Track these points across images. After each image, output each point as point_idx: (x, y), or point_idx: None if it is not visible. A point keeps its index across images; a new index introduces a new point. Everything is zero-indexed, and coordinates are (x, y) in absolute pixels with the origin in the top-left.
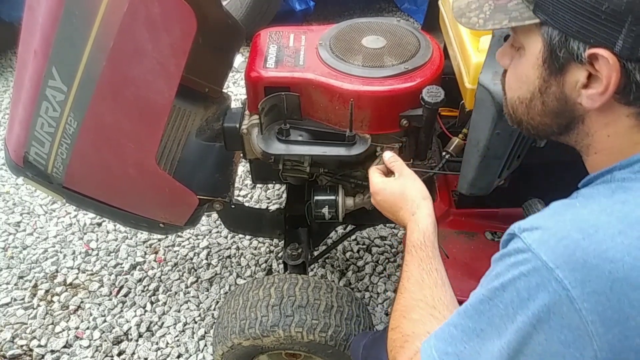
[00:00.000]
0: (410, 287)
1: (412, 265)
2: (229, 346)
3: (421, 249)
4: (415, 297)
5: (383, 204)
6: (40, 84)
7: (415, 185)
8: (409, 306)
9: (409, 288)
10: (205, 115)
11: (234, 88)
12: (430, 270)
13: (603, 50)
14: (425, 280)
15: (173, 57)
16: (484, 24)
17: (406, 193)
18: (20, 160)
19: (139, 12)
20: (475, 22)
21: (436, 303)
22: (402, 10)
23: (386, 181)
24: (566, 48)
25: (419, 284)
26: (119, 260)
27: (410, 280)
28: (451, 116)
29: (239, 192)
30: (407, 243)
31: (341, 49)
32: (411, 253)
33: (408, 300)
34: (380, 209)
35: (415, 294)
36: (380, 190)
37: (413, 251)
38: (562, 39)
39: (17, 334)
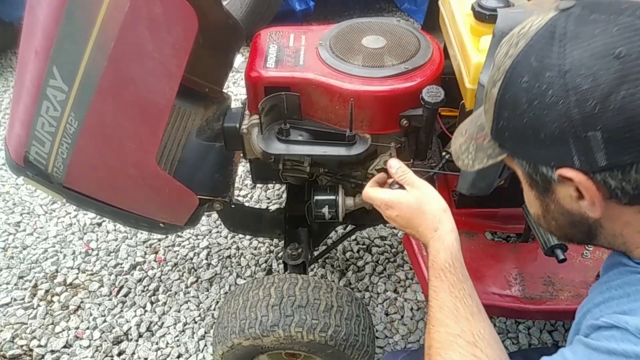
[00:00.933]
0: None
1: (442, 293)
2: (229, 346)
3: (451, 272)
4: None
5: (399, 220)
6: (41, 83)
7: (432, 196)
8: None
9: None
10: (205, 115)
11: (234, 88)
12: (464, 296)
13: (567, 170)
14: (460, 310)
15: (174, 57)
16: (472, 164)
17: (424, 207)
18: (21, 159)
19: (140, 11)
20: (468, 164)
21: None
22: (402, 10)
23: (399, 194)
24: (539, 173)
25: (454, 316)
26: (119, 260)
27: (443, 311)
28: (451, 116)
29: (239, 192)
30: (433, 265)
31: (341, 48)
32: (440, 278)
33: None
34: (395, 225)
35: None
36: (395, 204)
37: (442, 275)
38: (532, 166)
39: (17, 334)
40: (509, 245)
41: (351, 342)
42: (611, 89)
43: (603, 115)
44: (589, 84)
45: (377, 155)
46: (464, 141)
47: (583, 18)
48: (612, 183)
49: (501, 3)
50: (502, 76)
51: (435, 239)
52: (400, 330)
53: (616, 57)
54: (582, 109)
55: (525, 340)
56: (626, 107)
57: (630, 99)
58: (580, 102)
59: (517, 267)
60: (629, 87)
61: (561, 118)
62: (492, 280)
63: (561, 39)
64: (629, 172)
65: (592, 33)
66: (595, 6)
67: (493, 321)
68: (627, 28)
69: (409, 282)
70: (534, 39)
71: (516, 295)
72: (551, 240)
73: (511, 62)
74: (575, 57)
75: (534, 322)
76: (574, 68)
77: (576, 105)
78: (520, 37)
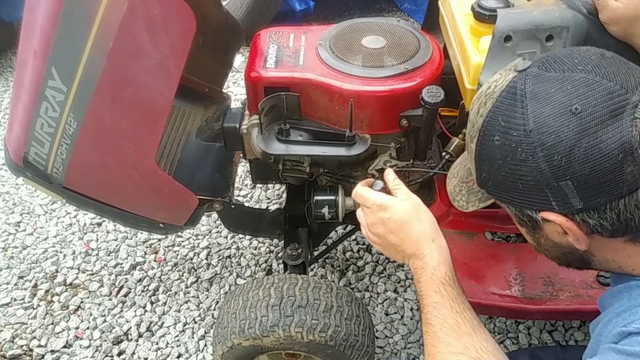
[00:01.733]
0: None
1: (444, 310)
2: (229, 346)
3: (451, 285)
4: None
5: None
6: (40, 84)
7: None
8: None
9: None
10: (205, 115)
11: (234, 88)
12: (464, 310)
13: (548, 213)
14: (462, 325)
15: (173, 57)
16: (466, 206)
17: (422, 215)
18: (20, 160)
19: (138, 12)
20: (463, 205)
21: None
22: (402, 10)
23: (396, 199)
24: (525, 215)
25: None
26: (119, 260)
27: (445, 329)
28: (451, 116)
29: (239, 192)
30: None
31: (341, 49)
32: (440, 293)
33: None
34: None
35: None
36: (390, 207)
37: (442, 290)
38: (518, 209)
39: (17, 334)
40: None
41: (351, 342)
42: (573, 143)
43: (570, 167)
44: (552, 140)
45: (377, 156)
46: (457, 183)
47: (540, 77)
48: (591, 222)
49: (501, 3)
50: (476, 133)
51: (434, 249)
52: (400, 330)
53: (573, 114)
54: (550, 163)
55: (525, 340)
56: (589, 157)
57: (591, 151)
58: (547, 157)
59: (517, 267)
60: (588, 140)
61: (533, 172)
62: (492, 280)
63: (522, 99)
64: (605, 212)
65: (550, 92)
66: (550, 64)
67: (493, 321)
68: (581, 84)
69: (409, 282)
70: (499, 100)
71: (516, 295)
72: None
73: (482, 121)
74: (537, 116)
75: (534, 322)
76: (537, 127)
77: (544, 160)
78: (487, 97)
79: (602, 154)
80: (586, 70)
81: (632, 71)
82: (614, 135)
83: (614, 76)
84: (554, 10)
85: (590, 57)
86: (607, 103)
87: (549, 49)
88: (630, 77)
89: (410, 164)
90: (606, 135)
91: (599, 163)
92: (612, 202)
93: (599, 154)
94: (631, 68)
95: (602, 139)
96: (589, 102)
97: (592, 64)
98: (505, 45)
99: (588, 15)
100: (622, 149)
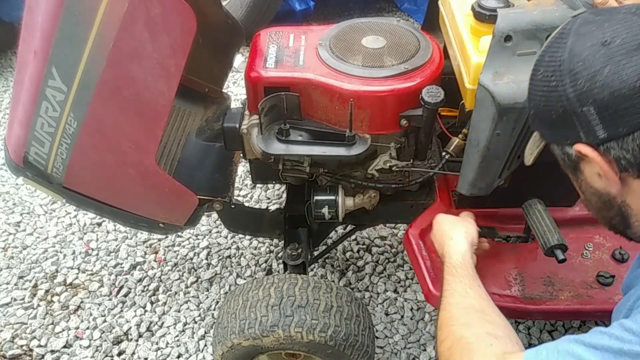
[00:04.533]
0: (455, 300)
1: (454, 283)
2: (229, 346)
3: (462, 268)
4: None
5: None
6: (40, 83)
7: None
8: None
9: (453, 302)
10: (205, 115)
11: (234, 88)
12: (473, 285)
13: (579, 145)
14: (470, 293)
15: (173, 57)
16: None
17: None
18: (20, 160)
19: (139, 12)
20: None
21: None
22: (402, 10)
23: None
24: (565, 153)
25: (464, 296)
26: (119, 260)
27: (455, 296)
28: (451, 116)
29: (239, 192)
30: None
31: (341, 49)
32: (452, 273)
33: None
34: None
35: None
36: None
37: (454, 271)
38: (559, 147)
39: (17, 334)
40: (509, 245)
41: (351, 342)
42: (597, 69)
43: (591, 91)
44: (579, 67)
45: (377, 156)
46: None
47: (587, 19)
48: (614, 153)
49: (501, 3)
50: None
51: (450, 245)
52: (400, 330)
53: (603, 45)
54: (574, 87)
55: (525, 340)
56: (609, 83)
57: (612, 77)
58: (573, 83)
59: (517, 267)
60: (611, 67)
61: (562, 98)
62: (492, 280)
63: (566, 37)
64: (627, 142)
65: (590, 29)
66: (600, 11)
67: None
68: (618, 21)
69: (409, 282)
70: (550, 41)
71: (516, 295)
72: (551, 240)
73: (536, 60)
74: (572, 48)
75: (534, 322)
76: (570, 56)
77: (570, 85)
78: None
79: (622, 80)
80: (629, 12)
81: None
82: (637, 65)
83: None
84: (554, 10)
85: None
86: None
87: None
88: None
89: (410, 164)
90: (629, 64)
91: (618, 89)
92: (634, 133)
93: (619, 80)
94: None
95: (624, 67)
96: (619, 35)
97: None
98: (505, 45)
99: None
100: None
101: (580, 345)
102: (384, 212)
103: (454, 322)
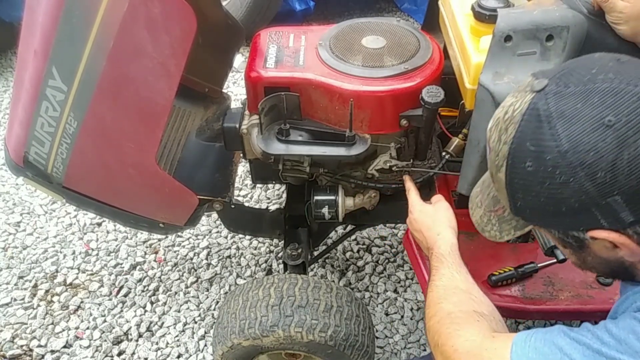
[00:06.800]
0: (442, 283)
1: (443, 269)
2: (229, 346)
3: (450, 255)
4: (449, 287)
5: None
6: (41, 83)
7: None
8: (443, 295)
9: (440, 284)
10: (205, 115)
11: (234, 88)
12: (460, 270)
13: (597, 232)
14: (456, 276)
15: (173, 57)
16: (500, 236)
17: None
18: (20, 160)
19: (139, 11)
20: (495, 235)
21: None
22: (402, 10)
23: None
24: (570, 236)
25: (451, 279)
26: (119, 260)
27: (442, 279)
28: (451, 116)
29: (239, 192)
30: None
31: (341, 49)
32: (440, 260)
33: (441, 291)
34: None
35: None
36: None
37: (442, 258)
38: (562, 232)
39: (17, 334)
40: (509, 245)
41: (351, 342)
42: (615, 156)
43: (616, 181)
44: (592, 157)
45: (377, 156)
46: (483, 213)
47: (561, 94)
48: None
49: (501, 3)
50: (503, 162)
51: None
52: (400, 330)
53: (608, 126)
54: (594, 181)
55: None
56: (634, 169)
57: (635, 161)
58: (590, 176)
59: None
60: (629, 150)
61: (577, 193)
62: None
63: (549, 120)
64: None
65: (576, 108)
66: (567, 79)
67: None
68: (607, 94)
69: (409, 282)
70: (522, 124)
71: (516, 295)
72: (551, 241)
73: (508, 149)
74: (570, 135)
75: (534, 322)
76: (573, 146)
77: (587, 179)
78: (507, 122)
79: None
80: (608, 79)
81: None
82: None
83: (638, 79)
84: (554, 10)
85: (607, 64)
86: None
87: (549, 48)
88: None
89: (410, 164)
90: None
91: None
92: None
93: None
94: None
95: None
96: (621, 112)
97: (611, 71)
98: (505, 45)
99: (588, 15)
100: None
101: (566, 338)
102: (384, 212)
103: (441, 300)
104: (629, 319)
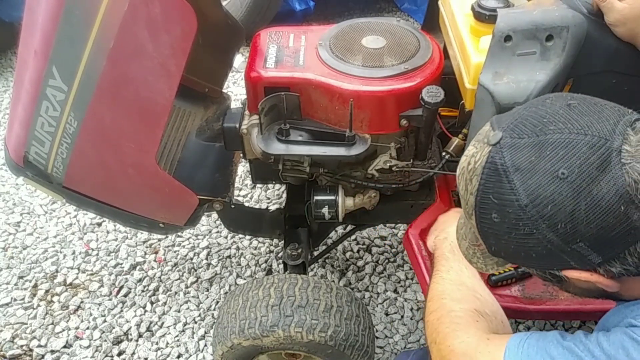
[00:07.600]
0: (449, 276)
1: (452, 262)
2: (229, 346)
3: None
4: (455, 282)
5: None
6: (41, 83)
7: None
8: (448, 289)
9: (447, 277)
10: (205, 115)
11: (234, 88)
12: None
13: (570, 272)
14: (464, 271)
15: (173, 57)
16: (486, 269)
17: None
18: (20, 160)
19: (139, 11)
20: (482, 267)
21: (476, 287)
22: (402, 10)
23: None
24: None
25: (458, 274)
26: (119, 260)
27: (450, 272)
28: (451, 116)
29: (239, 192)
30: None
31: (341, 49)
32: (453, 251)
33: (447, 285)
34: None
35: (455, 280)
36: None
37: (449, 255)
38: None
39: (17, 334)
40: None
41: (351, 342)
42: (572, 207)
43: (577, 230)
44: (550, 210)
45: (377, 156)
46: (468, 245)
47: (515, 147)
48: (615, 270)
49: (501, 3)
50: (472, 211)
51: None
52: (400, 330)
53: (562, 179)
54: (556, 232)
55: None
56: (592, 218)
57: (592, 210)
58: (552, 227)
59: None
60: (585, 200)
61: (542, 242)
62: None
63: (506, 174)
64: (625, 258)
65: (530, 161)
66: (520, 130)
67: None
68: (558, 146)
69: (409, 282)
70: (483, 178)
71: (516, 295)
72: None
73: (474, 200)
74: (527, 189)
75: (534, 322)
76: (531, 200)
77: (549, 230)
78: (471, 174)
79: (604, 210)
80: (558, 130)
81: (604, 113)
82: (609, 189)
83: (588, 128)
84: (554, 10)
85: (557, 112)
86: (591, 159)
87: (549, 48)
88: (603, 123)
89: (410, 164)
90: (601, 191)
91: (604, 220)
92: (629, 249)
93: (601, 212)
94: (602, 110)
95: (598, 195)
96: (573, 163)
97: (562, 120)
98: (505, 45)
99: (588, 15)
100: (621, 200)
101: (559, 347)
102: (384, 212)
103: (445, 295)
104: (620, 334)
